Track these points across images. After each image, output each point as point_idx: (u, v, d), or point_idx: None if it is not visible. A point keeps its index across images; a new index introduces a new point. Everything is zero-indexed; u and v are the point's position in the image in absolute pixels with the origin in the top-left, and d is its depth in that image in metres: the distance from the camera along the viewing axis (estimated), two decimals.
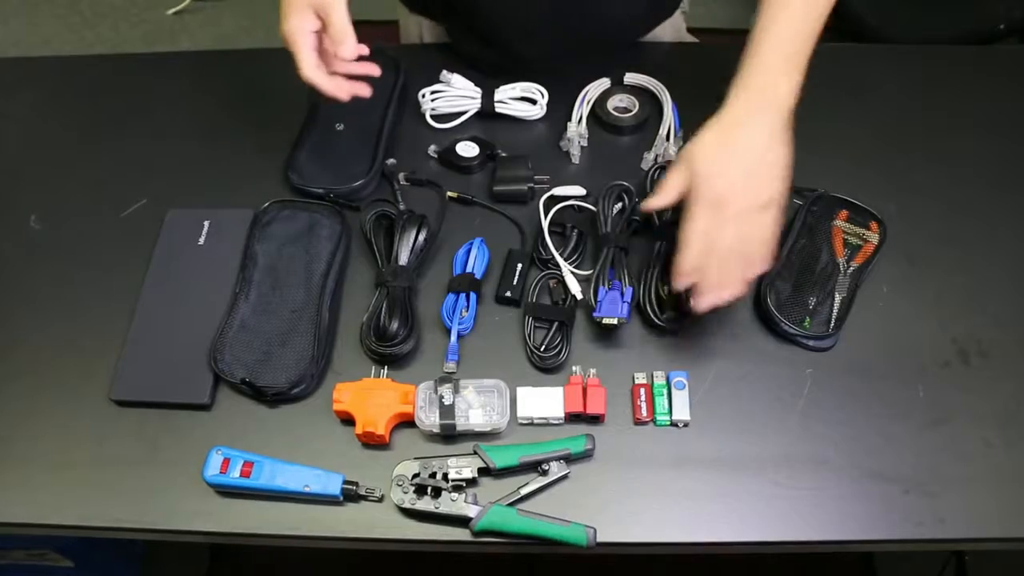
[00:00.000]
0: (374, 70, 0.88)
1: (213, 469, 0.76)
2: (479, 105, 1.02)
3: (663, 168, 0.93)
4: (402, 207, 0.94)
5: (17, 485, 0.80)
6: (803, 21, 0.79)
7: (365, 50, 0.83)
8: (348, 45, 0.80)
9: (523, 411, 0.80)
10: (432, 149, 1.00)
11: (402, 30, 1.20)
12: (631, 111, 1.03)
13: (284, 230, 0.92)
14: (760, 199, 0.76)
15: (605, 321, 0.82)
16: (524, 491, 0.76)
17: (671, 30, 1.13)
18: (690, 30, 1.19)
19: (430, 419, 0.78)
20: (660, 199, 0.80)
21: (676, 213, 0.81)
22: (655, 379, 0.82)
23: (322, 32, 0.82)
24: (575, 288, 0.86)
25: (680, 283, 0.78)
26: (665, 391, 0.81)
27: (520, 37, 1.02)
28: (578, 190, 0.94)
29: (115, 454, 0.81)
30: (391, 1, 1.16)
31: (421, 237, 0.88)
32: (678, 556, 0.77)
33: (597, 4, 0.99)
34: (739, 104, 0.78)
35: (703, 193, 0.76)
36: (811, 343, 0.84)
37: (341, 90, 0.85)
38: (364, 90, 0.87)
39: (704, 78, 0.82)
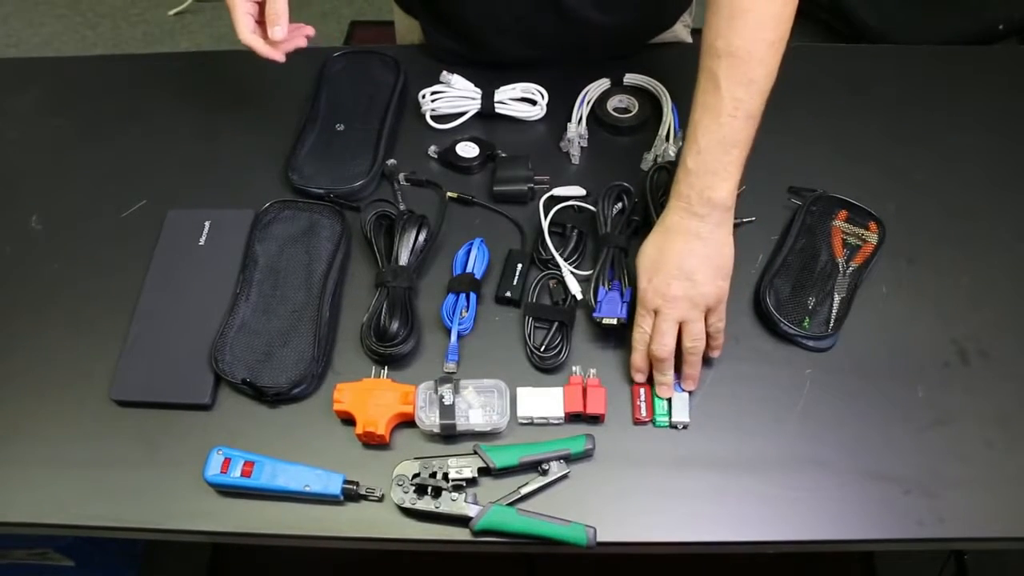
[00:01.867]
0: (309, 30, 0.90)
1: (214, 469, 0.76)
2: (479, 105, 1.02)
3: (663, 168, 0.93)
4: (402, 207, 0.94)
5: (17, 485, 0.80)
6: (731, 116, 0.77)
7: (310, 31, 0.89)
8: (278, 28, 0.84)
9: (523, 411, 0.80)
10: (432, 149, 1.00)
11: (397, 32, 1.20)
12: (631, 111, 1.03)
13: (285, 230, 0.92)
14: (699, 303, 0.79)
15: (605, 321, 0.82)
16: (524, 491, 0.76)
17: (670, 33, 1.13)
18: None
19: (430, 419, 0.78)
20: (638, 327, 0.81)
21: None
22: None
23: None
24: (575, 288, 0.86)
25: (636, 378, 0.82)
26: None
27: (495, 33, 1.02)
28: (578, 190, 0.94)
29: (115, 454, 0.81)
30: (390, 1, 1.16)
31: (421, 237, 0.89)
32: (678, 556, 0.77)
33: (579, 7, 0.98)
34: (676, 212, 0.80)
35: (643, 301, 0.80)
36: (810, 343, 0.84)
37: (276, 53, 0.86)
38: (300, 42, 0.89)
39: None
